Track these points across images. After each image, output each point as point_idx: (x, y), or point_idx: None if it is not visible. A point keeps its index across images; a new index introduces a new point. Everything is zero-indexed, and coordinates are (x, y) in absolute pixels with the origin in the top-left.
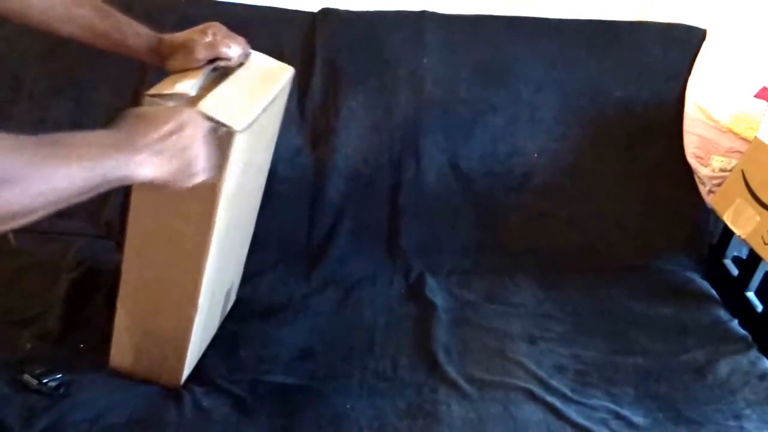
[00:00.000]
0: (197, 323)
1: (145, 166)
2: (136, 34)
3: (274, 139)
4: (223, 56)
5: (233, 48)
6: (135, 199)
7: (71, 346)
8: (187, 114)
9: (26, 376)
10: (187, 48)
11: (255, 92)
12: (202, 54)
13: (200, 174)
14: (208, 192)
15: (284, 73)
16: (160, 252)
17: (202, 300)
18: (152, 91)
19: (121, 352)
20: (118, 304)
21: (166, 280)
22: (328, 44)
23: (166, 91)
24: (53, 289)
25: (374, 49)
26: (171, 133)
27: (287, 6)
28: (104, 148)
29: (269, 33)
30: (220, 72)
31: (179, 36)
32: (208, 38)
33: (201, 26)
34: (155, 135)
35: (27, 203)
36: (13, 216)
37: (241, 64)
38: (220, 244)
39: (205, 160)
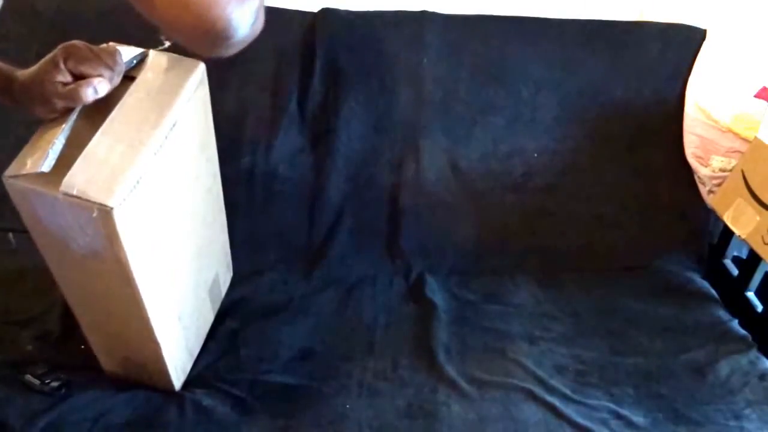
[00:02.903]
0: (172, 346)
1: None
2: None
3: (210, 134)
4: (86, 101)
5: (100, 85)
6: (56, 273)
7: (72, 347)
8: None
9: (28, 377)
10: (43, 98)
11: (147, 123)
12: (60, 105)
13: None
14: (117, 267)
15: (190, 75)
16: (100, 306)
17: (166, 331)
18: (10, 170)
19: (109, 366)
20: (86, 334)
21: (119, 325)
22: (328, 44)
23: (22, 171)
24: (53, 289)
25: (374, 49)
26: None
27: (287, 6)
28: None
29: (269, 33)
30: (98, 102)
31: (31, 79)
32: (64, 78)
33: (52, 56)
34: None
35: None
36: None
37: (131, 78)
38: (162, 288)
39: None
